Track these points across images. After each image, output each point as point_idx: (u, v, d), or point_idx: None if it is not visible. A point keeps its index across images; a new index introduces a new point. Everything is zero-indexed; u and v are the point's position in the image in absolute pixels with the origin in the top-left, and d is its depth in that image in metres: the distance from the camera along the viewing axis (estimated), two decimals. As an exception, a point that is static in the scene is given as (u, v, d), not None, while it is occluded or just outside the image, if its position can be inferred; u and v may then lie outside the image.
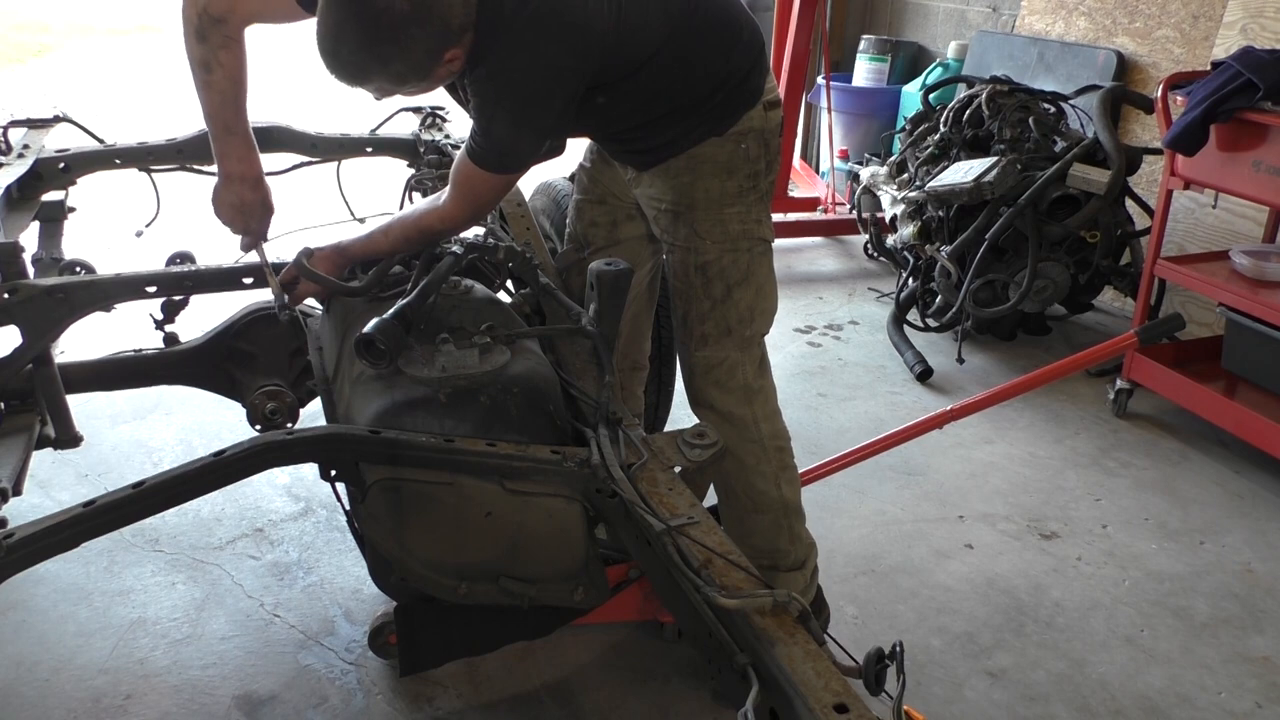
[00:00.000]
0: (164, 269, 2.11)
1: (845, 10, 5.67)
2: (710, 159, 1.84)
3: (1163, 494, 2.81)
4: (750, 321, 1.93)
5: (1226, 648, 2.22)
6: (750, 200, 1.89)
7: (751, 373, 1.96)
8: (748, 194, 1.88)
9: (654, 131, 1.84)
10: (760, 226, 1.92)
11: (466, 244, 1.81)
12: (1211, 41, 3.63)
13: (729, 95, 1.82)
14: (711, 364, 1.94)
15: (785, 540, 1.99)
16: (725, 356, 1.93)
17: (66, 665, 2.08)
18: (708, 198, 1.86)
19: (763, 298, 1.95)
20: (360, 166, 2.79)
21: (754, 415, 1.95)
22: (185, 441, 2.98)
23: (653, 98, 1.79)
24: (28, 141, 2.55)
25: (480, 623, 1.68)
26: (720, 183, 1.86)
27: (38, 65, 10.14)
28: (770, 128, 1.89)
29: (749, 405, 1.95)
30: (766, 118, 1.87)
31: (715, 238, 1.88)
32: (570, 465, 1.49)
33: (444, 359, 1.60)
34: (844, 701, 1.06)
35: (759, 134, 1.87)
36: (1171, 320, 2.59)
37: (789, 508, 1.99)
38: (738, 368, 1.94)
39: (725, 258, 1.89)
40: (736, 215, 1.88)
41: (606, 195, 2.07)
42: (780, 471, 1.98)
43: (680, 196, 1.87)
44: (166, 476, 1.40)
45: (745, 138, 1.85)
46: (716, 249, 1.88)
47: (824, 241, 4.97)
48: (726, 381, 1.94)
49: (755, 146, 1.87)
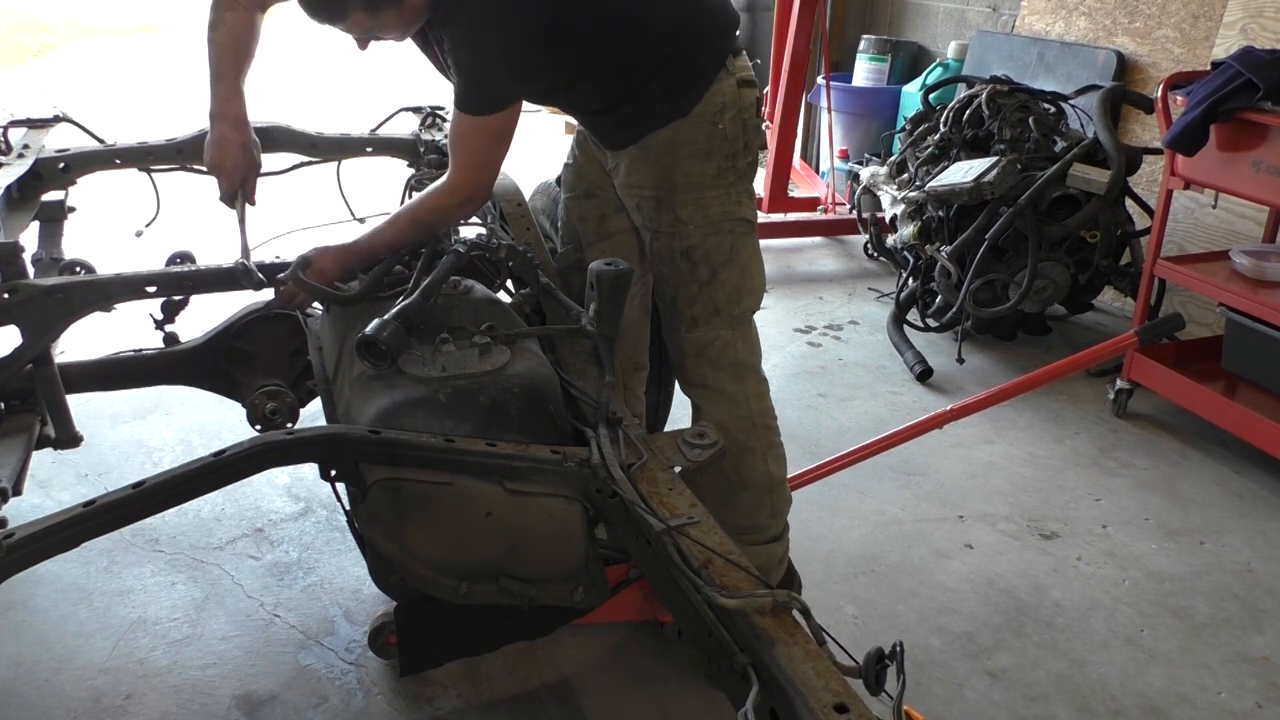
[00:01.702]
0: (164, 269, 2.11)
1: (845, 10, 5.67)
2: (689, 140, 1.86)
3: (1163, 494, 2.81)
4: (738, 301, 1.97)
5: (1226, 648, 2.22)
6: (729, 181, 1.90)
7: (743, 349, 2.00)
8: (726, 174, 1.90)
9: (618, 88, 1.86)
10: (741, 207, 1.94)
11: (467, 243, 1.81)
12: (1211, 41, 3.63)
13: (688, 56, 1.83)
14: (703, 344, 1.98)
15: (767, 515, 2.03)
16: (716, 336, 1.97)
17: (66, 665, 2.08)
18: (688, 181, 1.88)
19: (749, 276, 1.98)
20: (360, 166, 2.79)
21: (745, 392, 2.00)
22: (185, 441, 2.98)
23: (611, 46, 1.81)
24: (28, 141, 2.55)
25: (480, 623, 1.68)
26: (699, 164, 1.87)
27: (38, 65, 10.14)
28: (745, 104, 1.90)
29: (740, 381, 2.00)
30: (740, 94, 1.88)
31: (698, 221, 1.90)
32: (570, 465, 1.49)
33: (444, 359, 1.60)
34: (844, 701, 1.06)
35: (735, 112, 1.88)
36: (1171, 320, 2.59)
37: (774, 483, 2.03)
38: (729, 346, 1.98)
39: (709, 240, 1.91)
40: (717, 198, 1.90)
41: (593, 189, 2.08)
42: (768, 448, 2.02)
43: (660, 181, 1.89)
44: (166, 476, 1.40)
45: (721, 116, 1.86)
46: (700, 232, 1.91)
47: (824, 241, 4.97)
48: (718, 359, 1.98)
49: (733, 126, 1.88)
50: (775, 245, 4.83)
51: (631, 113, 1.88)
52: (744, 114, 1.89)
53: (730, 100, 1.87)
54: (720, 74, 1.86)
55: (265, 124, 2.64)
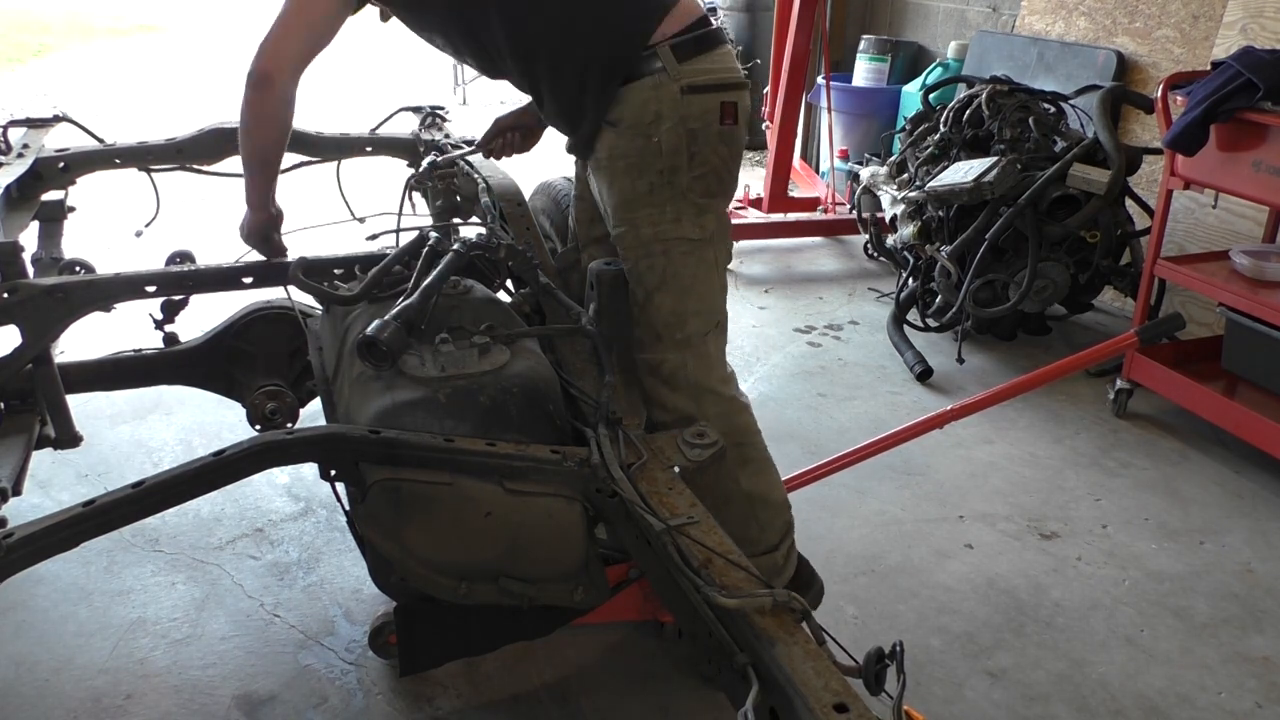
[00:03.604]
0: (164, 269, 2.11)
1: (845, 10, 5.67)
2: (621, 154, 1.78)
3: (1163, 494, 2.81)
4: (680, 325, 1.86)
5: (1226, 648, 2.22)
6: (663, 199, 1.79)
7: (697, 370, 1.89)
8: (660, 191, 1.78)
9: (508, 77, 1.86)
10: (680, 225, 1.81)
11: (467, 243, 1.81)
12: (1211, 41, 3.63)
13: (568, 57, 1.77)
14: (652, 365, 1.89)
15: (755, 530, 1.96)
16: (663, 359, 1.88)
17: (66, 665, 2.08)
18: (620, 199, 1.82)
19: (690, 299, 1.85)
20: (360, 166, 2.79)
21: (704, 414, 1.88)
22: (185, 441, 2.98)
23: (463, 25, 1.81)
24: (28, 141, 2.55)
25: (480, 623, 1.68)
26: (631, 182, 1.79)
27: (38, 65, 10.15)
28: (691, 114, 1.75)
29: (696, 403, 1.89)
30: (685, 102, 1.74)
31: (627, 243, 1.84)
32: (570, 465, 1.49)
33: (443, 359, 1.60)
34: (844, 701, 1.06)
35: (675, 122, 1.74)
36: (1171, 320, 2.59)
37: (753, 498, 1.94)
38: (679, 369, 1.88)
39: (641, 263, 1.84)
40: (647, 217, 1.80)
41: (587, 190, 2.03)
42: (739, 466, 1.92)
43: (606, 197, 1.85)
44: (166, 476, 1.40)
45: (655, 129, 1.74)
46: (632, 255, 1.84)
47: (824, 241, 4.97)
48: (671, 380, 1.89)
49: (671, 138, 1.75)
50: (775, 245, 4.83)
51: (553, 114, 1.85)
52: (689, 124, 1.75)
53: (667, 110, 1.73)
54: (645, 80, 1.74)
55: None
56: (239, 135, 1.89)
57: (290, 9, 1.78)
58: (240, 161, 1.96)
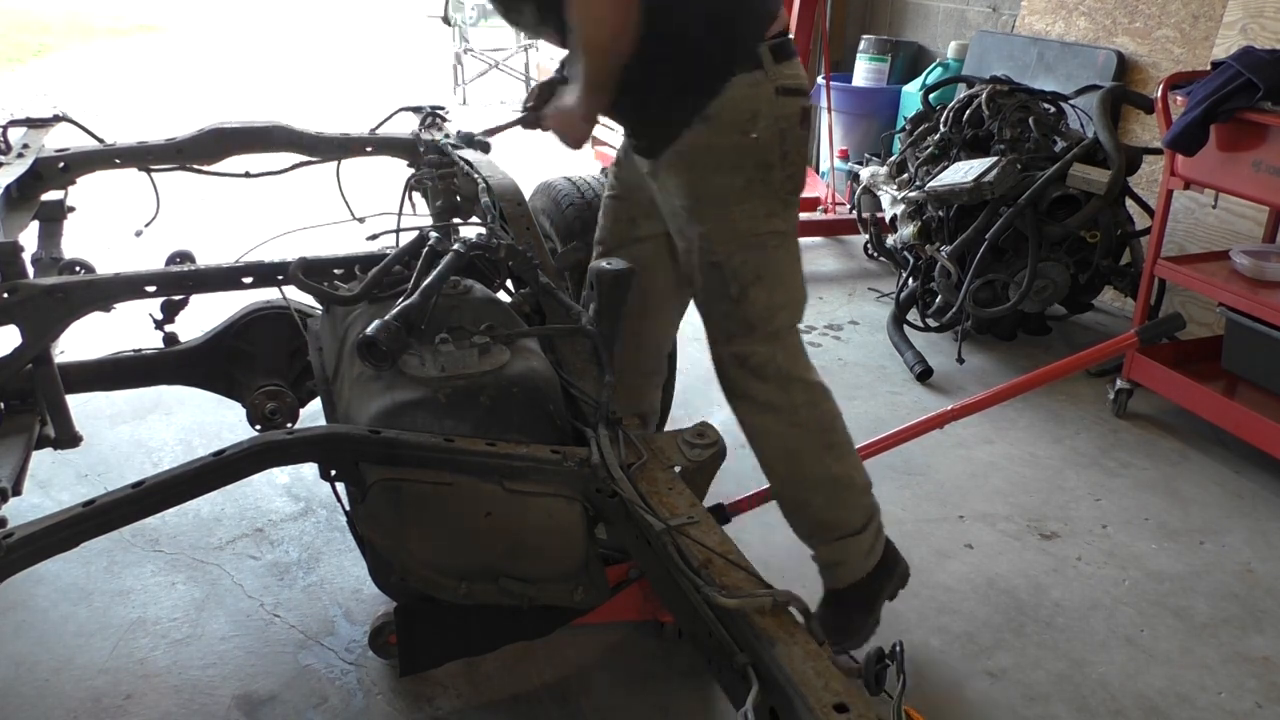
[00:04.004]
0: (164, 269, 2.11)
1: (845, 10, 5.67)
2: (715, 149, 1.79)
3: (1163, 494, 2.81)
4: (771, 318, 1.89)
5: (1226, 648, 2.22)
6: (758, 194, 1.82)
7: (785, 361, 1.93)
8: (755, 187, 1.81)
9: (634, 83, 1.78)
10: (773, 220, 1.85)
11: (467, 243, 1.81)
12: (1211, 41, 3.63)
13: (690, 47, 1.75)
14: (742, 359, 1.92)
15: (843, 513, 2.00)
16: (753, 351, 1.91)
17: (66, 665, 2.08)
18: (714, 195, 1.82)
19: (782, 291, 1.90)
20: (360, 166, 2.79)
21: (793, 402, 1.93)
22: (185, 441, 2.98)
23: None
24: (28, 141, 2.55)
25: (480, 623, 1.68)
26: (727, 178, 1.81)
27: (38, 65, 10.15)
28: (785, 114, 1.80)
29: (787, 393, 1.93)
30: (779, 103, 1.79)
31: (722, 238, 1.84)
32: (570, 465, 1.49)
33: (443, 359, 1.60)
34: (844, 701, 1.06)
35: (770, 121, 1.79)
36: (1171, 320, 2.59)
37: (840, 482, 1.98)
38: (769, 360, 1.91)
39: (735, 258, 1.85)
40: (745, 213, 1.83)
41: (629, 190, 2.03)
42: (825, 450, 1.96)
43: (688, 193, 1.84)
44: (166, 476, 1.40)
45: (753, 125, 1.78)
46: (725, 250, 1.85)
47: (824, 241, 4.97)
48: (761, 371, 1.92)
49: (768, 135, 1.79)
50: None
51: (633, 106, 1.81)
52: (781, 124, 1.79)
53: (764, 108, 1.77)
54: (746, 77, 1.76)
55: (265, 124, 2.65)
56: (574, 18, 1.70)
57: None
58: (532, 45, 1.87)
